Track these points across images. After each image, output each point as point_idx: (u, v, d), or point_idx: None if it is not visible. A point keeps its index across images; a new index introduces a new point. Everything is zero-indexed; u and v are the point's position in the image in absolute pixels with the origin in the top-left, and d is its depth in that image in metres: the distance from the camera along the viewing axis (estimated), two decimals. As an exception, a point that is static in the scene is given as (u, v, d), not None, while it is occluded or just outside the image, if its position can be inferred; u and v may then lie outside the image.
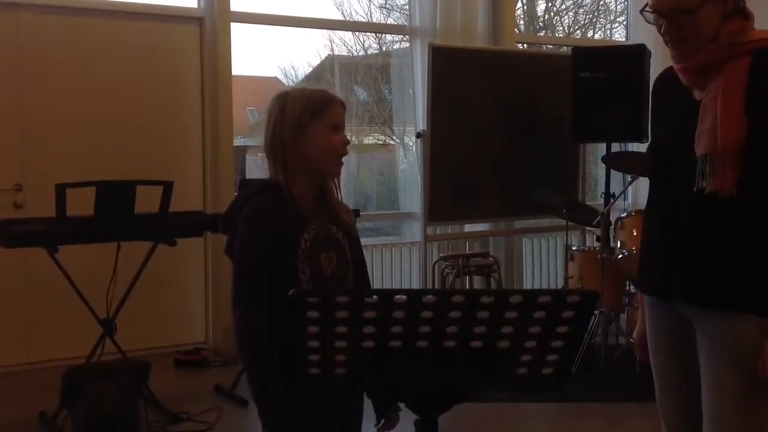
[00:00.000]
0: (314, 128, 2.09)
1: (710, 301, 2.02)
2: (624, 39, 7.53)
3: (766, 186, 1.95)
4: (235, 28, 5.59)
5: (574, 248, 5.44)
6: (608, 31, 8.08)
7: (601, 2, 7.90)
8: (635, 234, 4.72)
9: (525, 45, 7.20)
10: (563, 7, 8.05)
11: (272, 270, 2.05)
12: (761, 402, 1.99)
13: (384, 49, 7.02)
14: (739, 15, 2.01)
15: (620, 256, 4.91)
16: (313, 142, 2.09)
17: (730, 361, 2.00)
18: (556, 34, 7.91)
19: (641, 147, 5.18)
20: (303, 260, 2.07)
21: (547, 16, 8.10)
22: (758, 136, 1.93)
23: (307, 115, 2.09)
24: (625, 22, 7.64)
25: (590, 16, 8.05)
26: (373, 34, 6.90)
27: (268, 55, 6.66)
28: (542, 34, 7.89)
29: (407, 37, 6.22)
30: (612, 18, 8.01)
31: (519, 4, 7.43)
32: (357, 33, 6.81)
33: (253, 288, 2.05)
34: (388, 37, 6.92)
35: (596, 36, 8.01)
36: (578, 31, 8.02)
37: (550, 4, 8.03)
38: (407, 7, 6.29)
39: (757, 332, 1.96)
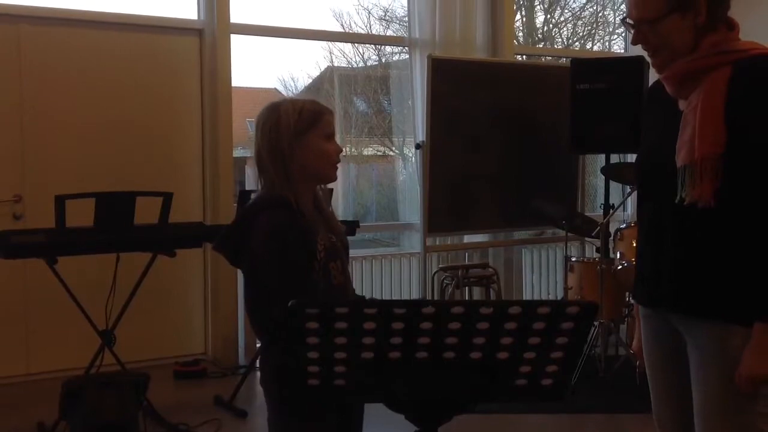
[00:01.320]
0: (308, 139, 2.11)
1: (696, 312, 2.03)
2: (622, 50, 7.56)
3: (745, 197, 1.95)
4: (235, 39, 5.61)
5: (573, 259, 5.44)
6: (607, 43, 8.11)
7: (600, 14, 7.93)
8: (634, 245, 4.71)
9: (524, 56, 7.22)
10: (562, 19, 8.08)
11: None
12: (748, 413, 1.99)
13: (383, 60, 7.04)
14: (724, 26, 2.02)
15: (619, 267, 4.91)
16: (310, 152, 2.12)
17: (717, 372, 2.00)
18: (555, 46, 7.93)
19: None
20: (318, 272, 2.08)
21: (545, 28, 8.13)
22: (737, 147, 1.93)
23: (303, 125, 2.11)
24: (623, 34, 7.67)
25: (589, 28, 8.08)
26: (372, 45, 6.92)
27: (267, 67, 6.69)
28: (541, 45, 7.92)
29: (406, 48, 6.24)
30: (610, 30, 8.03)
31: (518, 16, 7.46)
32: (356, 44, 6.84)
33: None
34: (388, 48, 6.95)
35: (595, 48, 8.04)
36: (577, 43, 8.05)
37: (548, 16, 8.06)
38: (406, 18, 6.31)
39: (744, 343, 1.96)
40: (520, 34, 7.59)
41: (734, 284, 1.97)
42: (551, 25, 8.13)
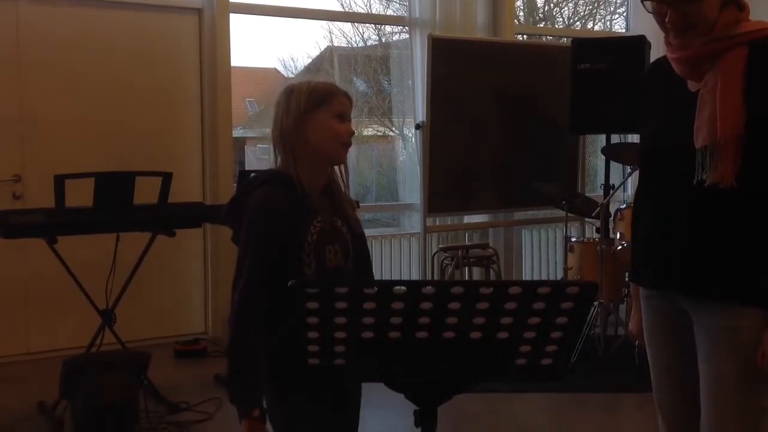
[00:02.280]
0: (317, 115, 2.09)
1: (710, 293, 2.02)
2: (624, 30, 7.52)
3: (765, 177, 1.95)
4: (234, 19, 5.58)
5: (573, 239, 5.45)
6: (608, 23, 8.08)
7: (601, -7, 7.89)
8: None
9: (525, 36, 7.19)
10: (563, -2, 8.04)
11: (278, 260, 2.04)
12: (759, 394, 1.99)
13: (383, 40, 7.01)
14: (734, 6, 2.00)
15: (619, 247, 4.91)
16: (316, 129, 2.09)
17: (728, 353, 2.00)
18: (556, 26, 7.89)
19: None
20: (309, 252, 2.07)
21: (546, 7, 8.09)
22: (757, 127, 1.93)
23: (311, 103, 2.09)
24: (625, 13, 7.63)
25: (590, 7, 8.03)
26: (372, 25, 6.89)
27: (267, 47, 6.66)
28: (542, 25, 7.88)
29: (407, 28, 6.21)
30: (612, 9, 7.99)
31: (519, -5, 7.42)
32: (356, 24, 6.80)
33: (253, 277, 2.04)
34: (388, 28, 6.91)
35: (596, 27, 8.00)
36: (578, 23, 8.01)
37: (549, -5, 8.02)
38: (407, -3, 6.28)
39: (757, 324, 1.95)
40: (521, 13, 7.55)
41: (752, 266, 1.97)
42: (552, 5, 8.09)
